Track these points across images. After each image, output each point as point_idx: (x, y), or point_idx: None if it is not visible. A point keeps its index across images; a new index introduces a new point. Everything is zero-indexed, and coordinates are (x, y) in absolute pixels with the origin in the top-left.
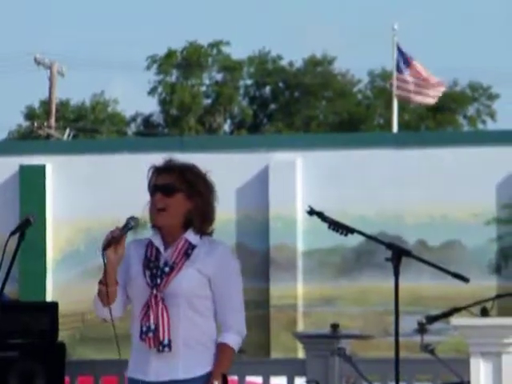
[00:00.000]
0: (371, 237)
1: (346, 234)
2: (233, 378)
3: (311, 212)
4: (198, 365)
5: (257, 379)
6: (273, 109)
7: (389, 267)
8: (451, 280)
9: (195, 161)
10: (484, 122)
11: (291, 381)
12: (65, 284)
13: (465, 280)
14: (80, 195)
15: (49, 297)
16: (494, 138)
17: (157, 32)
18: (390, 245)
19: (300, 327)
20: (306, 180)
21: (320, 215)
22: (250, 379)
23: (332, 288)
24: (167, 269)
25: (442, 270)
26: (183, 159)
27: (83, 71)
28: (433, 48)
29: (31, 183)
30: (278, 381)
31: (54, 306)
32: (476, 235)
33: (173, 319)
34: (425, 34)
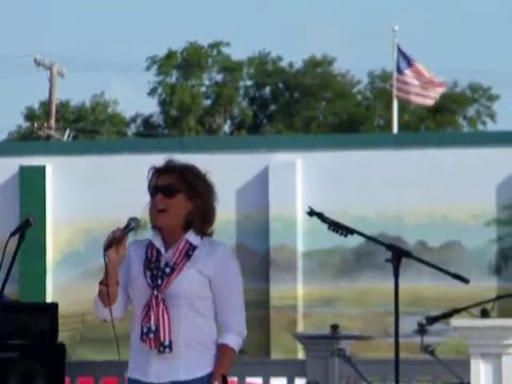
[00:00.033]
0: (371, 237)
1: (346, 235)
2: (233, 379)
3: (311, 213)
4: (199, 366)
5: (257, 380)
6: (273, 109)
7: (389, 268)
8: (451, 281)
9: (195, 161)
10: (484, 123)
11: (291, 381)
12: (65, 285)
13: (465, 281)
14: (80, 196)
15: (49, 297)
16: (494, 139)
17: (157, 33)
18: (390, 246)
19: (300, 328)
20: (306, 181)
21: (320, 216)
22: (250, 380)
23: (332, 289)
24: (168, 270)
25: (442, 271)
26: (183, 160)
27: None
28: (433, 49)
29: (31, 184)
30: (278, 382)
31: (54, 307)
32: (476, 236)
33: (173, 320)
34: (425, 35)
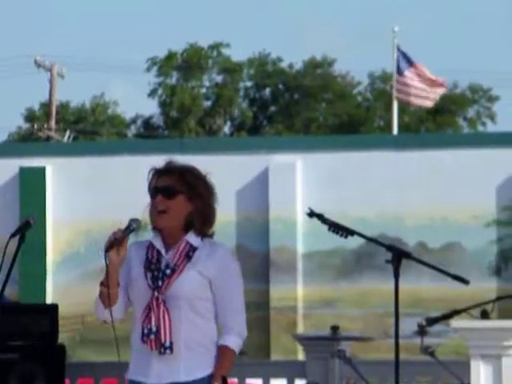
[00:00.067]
0: (371, 239)
1: (346, 236)
2: (233, 381)
3: (311, 214)
4: (199, 367)
5: (257, 381)
6: (273, 111)
7: (389, 269)
8: (451, 282)
9: (195, 163)
10: (484, 124)
11: (291, 383)
12: (65, 286)
13: (465, 282)
14: (80, 197)
15: (49, 299)
16: (494, 140)
17: (157, 34)
18: (390, 247)
19: (300, 329)
20: (306, 182)
21: (320, 217)
22: (250, 381)
23: (332, 290)
24: (169, 271)
25: (442, 272)
26: (183, 161)
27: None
28: (433, 50)
29: (31, 185)
30: (278, 383)
31: (54, 308)
32: (476, 237)
33: (174, 321)
34: (425, 36)
